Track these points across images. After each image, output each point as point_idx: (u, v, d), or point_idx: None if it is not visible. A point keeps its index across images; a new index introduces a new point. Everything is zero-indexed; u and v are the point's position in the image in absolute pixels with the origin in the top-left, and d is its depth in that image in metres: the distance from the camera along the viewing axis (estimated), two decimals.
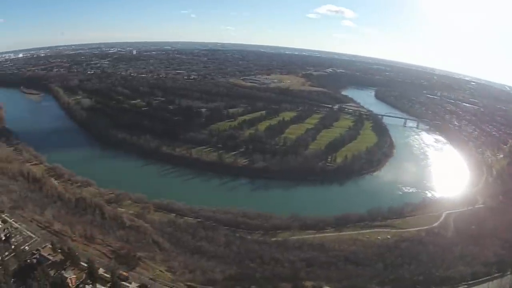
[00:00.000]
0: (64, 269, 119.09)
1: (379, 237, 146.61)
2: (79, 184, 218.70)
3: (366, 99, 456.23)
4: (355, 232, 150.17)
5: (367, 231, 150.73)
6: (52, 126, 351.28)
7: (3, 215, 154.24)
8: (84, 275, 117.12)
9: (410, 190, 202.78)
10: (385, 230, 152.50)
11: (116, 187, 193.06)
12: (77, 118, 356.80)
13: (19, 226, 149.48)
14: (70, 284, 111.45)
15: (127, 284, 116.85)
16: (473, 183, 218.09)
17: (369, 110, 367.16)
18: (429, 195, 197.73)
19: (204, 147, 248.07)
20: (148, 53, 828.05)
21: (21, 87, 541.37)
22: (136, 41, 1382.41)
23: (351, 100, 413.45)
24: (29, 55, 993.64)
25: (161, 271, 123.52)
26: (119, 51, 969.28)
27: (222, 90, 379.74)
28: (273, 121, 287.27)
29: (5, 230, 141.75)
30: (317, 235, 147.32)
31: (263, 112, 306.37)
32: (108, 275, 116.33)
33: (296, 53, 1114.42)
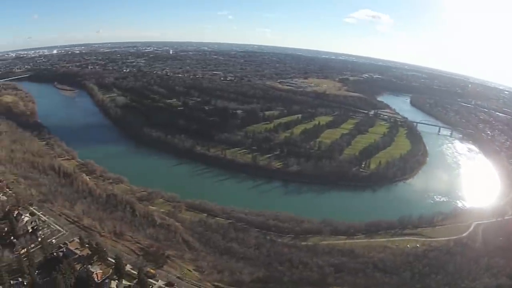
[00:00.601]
0: (91, 264, 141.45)
1: (408, 245, 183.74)
2: (111, 180, 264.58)
3: (401, 105, 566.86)
4: (385, 239, 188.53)
5: (397, 238, 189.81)
6: (86, 122, 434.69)
7: (31, 208, 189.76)
8: (110, 271, 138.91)
9: (441, 199, 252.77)
10: (414, 238, 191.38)
11: (148, 185, 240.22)
12: (112, 116, 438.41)
13: (47, 219, 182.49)
14: (96, 279, 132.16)
15: (154, 282, 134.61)
16: (504, 193, 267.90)
17: (404, 117, 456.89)
18: (459, 204, 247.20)
19: (238, 148, 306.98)
20: (185, 53, 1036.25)
21: (55, 83, 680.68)
22: (172, 40, 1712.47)
23: (387, 106, 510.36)
24: (63, 51, 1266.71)
25: (189, 270, 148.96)
26: (155, 50, 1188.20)
27: (259, 92, 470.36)
28: (309, 125, 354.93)
29: (33, 223, 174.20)
30: (347, 241, 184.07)
31: (299, 115, 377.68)
32: (135, 272, 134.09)
33: (333, 57, 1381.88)
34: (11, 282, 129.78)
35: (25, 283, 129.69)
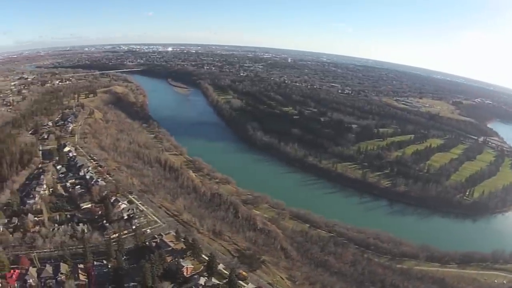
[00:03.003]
0: (183, 258, 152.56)
1: (495, 280, 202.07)
2: (218, 180, 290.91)
3: (510, 134, 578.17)
4: (476, 271, 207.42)
5: (487, 272, 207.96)
6: (199, 120, 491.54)
7: (130, 196, 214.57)
8: (202, 267, 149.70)
9: None
10: (503, 274, 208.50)
11: (255, 189, 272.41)
12: (225, 117, 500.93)
13: (145, 209, 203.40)
14: (185, 273, 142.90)
15: (244, 284, 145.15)
16: None
17: (511, 147, 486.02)
18: None
19: (349, 163, 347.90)
20: (304, 62, 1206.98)
21: (169, 80, 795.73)
22: (291, 49, 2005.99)
23: (495, 133, 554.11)
24: (178, 49, 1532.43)
25: (281, 277, 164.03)
26: (274, 57, 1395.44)
27: (375, 108, 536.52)
28: (420, 146, 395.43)
29: (129, 211, 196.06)
30: (440, 269, 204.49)
31: (412, 135, 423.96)
32: (226, 272, 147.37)
33: (448, 78, 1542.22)
34: (95, 262, 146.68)
35: (109, 266, 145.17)
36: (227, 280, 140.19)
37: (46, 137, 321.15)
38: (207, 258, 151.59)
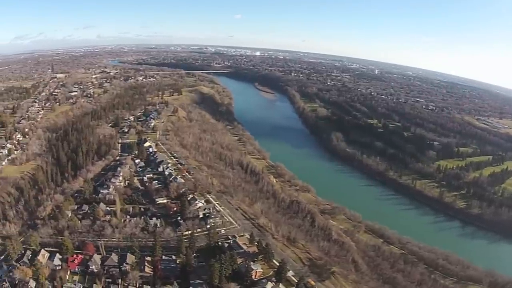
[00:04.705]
0: (253, 262, 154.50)
1: None
2: (297, 187, 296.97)
3: None
4: None
5: None
6: (284, 126, 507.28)
7: (208, 196, 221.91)
8: (271, 272, 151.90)
9: None
10: None
11: (333, 199, 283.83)
12: (310, 125, 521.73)
13: (222, 210, 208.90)
14: (253, 276, 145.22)
15: None
16: None
17: None
18: None
19: (428, 180, 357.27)
20: (390, 75, 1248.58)
21: (256, 84, 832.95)
22: (378, 60, 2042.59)
23: None
24: (266, 54, 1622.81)
25: None
26: (361, 67, 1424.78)
27: (456, 126, 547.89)
28: (497, 169, 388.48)
29: (205, 210, 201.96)
30: None
31: (490, 157, 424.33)
32: (295, 280, 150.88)
33: None
34: (163, 256, 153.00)
35: (177, 262, 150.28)
36: (294, 287, 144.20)
37: (126, 130, 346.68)
38: (277, 264, 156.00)
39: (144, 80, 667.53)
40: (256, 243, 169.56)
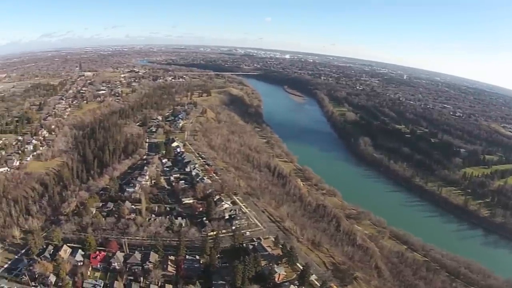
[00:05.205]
0: (277, 264, 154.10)
1: None
2: (324, 191, 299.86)
3: None
4: None
5: None
6: (311, 128, 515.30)
7: (234, 197, 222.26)
8: (294, 276, 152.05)
9: None
10: None
11: (359, 203, 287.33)
12: (338, 128, 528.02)
13: (248, 212, 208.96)
14: (276, 279, 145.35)
15: None
16: None
17: None
18: None
19: (454, 188, 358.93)
20: (418, 80, 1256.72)
21: (285, 87, 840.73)
22: (406, 66, 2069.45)
23: None
24: (296, 57, 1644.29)
25: None
26: (390, 72, 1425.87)
27: (483, 133, 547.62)
28: None
29: (232, 211, 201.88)
30: None
31: None
32: (318, 284, 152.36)
33: None
34: (187, 256, 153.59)
35: (201, 262, 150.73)
36: None
37: (154, 130, 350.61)
38: (301, 267, 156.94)
39: (173, 80, 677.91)
40: (280, 246, 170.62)
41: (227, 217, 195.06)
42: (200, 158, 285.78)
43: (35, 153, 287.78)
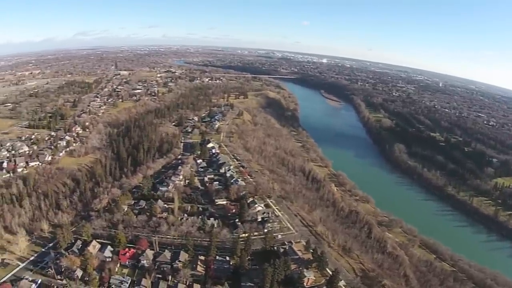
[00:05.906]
0: (307, 269, 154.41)
1: None
2: (357, 197, 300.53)
3: None
4: None
5: None
6: (347, 133, 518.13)
7: (268, 200, 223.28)
8: (323, 281, 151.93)
9: None
10: None
11: (391, 210, 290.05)
12: (373, 134, 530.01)
13: (281, 215, 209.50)
14: (305, 283, 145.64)
15: None
16: None
17: None
18: None
19: (485, 198, 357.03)
20: (454, 88, 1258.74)
21: (322, 91, 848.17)
22: (442, 73, 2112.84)
23: None
24: (333, 62, 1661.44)
25: None
26: (426, 79, 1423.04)
27: None
28: None
29: (264, 214, 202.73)
30: None
31: None
32: None
33: None
34: (217, 257, 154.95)
35: (231, 263, 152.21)
36: None
37: (190, 130, 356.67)
38: (330, 273, 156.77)
39: (209, 81, 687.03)
40: (311, 251, 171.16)
41: (259, 219, 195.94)
42: (235, 160, 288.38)
43: (68, 149, 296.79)
